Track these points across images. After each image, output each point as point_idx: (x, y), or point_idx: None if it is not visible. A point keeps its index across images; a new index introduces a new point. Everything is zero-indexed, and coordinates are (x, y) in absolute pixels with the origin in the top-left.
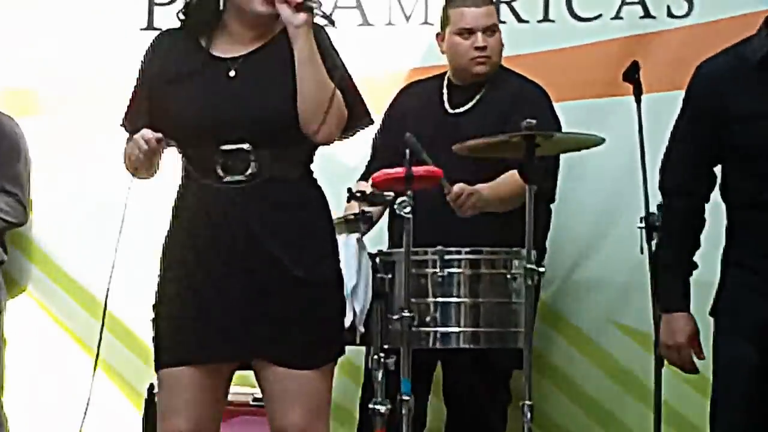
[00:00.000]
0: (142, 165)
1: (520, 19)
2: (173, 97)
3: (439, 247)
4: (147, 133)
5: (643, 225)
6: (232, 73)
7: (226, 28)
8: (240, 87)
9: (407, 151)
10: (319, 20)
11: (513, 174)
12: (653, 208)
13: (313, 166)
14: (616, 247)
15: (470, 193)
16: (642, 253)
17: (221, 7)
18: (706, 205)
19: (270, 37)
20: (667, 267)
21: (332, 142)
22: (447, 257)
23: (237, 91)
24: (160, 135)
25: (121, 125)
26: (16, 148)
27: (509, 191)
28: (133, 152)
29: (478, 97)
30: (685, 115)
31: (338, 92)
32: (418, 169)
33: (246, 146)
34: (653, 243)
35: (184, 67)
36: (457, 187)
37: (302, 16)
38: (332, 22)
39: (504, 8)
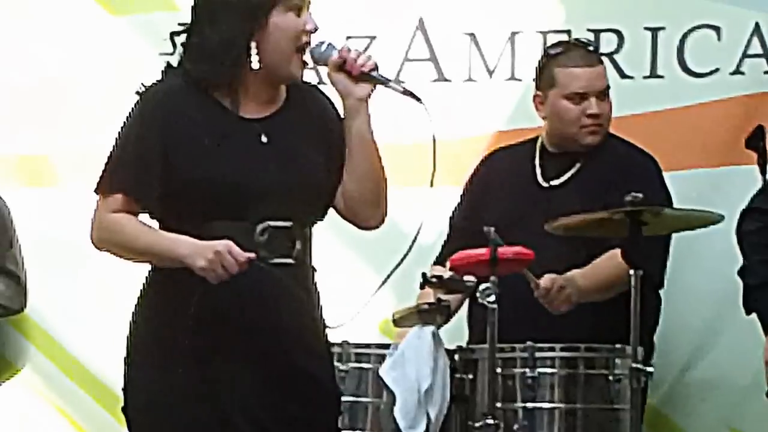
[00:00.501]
0: (215, 278)
1: (623, 75)
2: (201, 165)
3: (529, 343)
4: (238, 253)
5: None
6: (264, 139)
7: (242, 85)
8: (277, 155)
9: (491, 230)
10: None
11: (614, 255)
12: None
13: (383, 246)
14: (736, 341)
15: (562, 287)
16: None
17: (256, 66)
18: None
19: (285, 95)
20: None
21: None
22: (538, 355)
23: (274, 159)
24: (252, 255)
25: (98, 188)
26: (8, 225)
27: (609, 277)
28: (214, 267)
29: (576, 167)
30: None
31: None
32: (504, 251)
33: (289, 224)
34: None
35: (209, 129)
36: (546, 280)
37: (366, 89)
38: (415, 97)
39: (605, 61)
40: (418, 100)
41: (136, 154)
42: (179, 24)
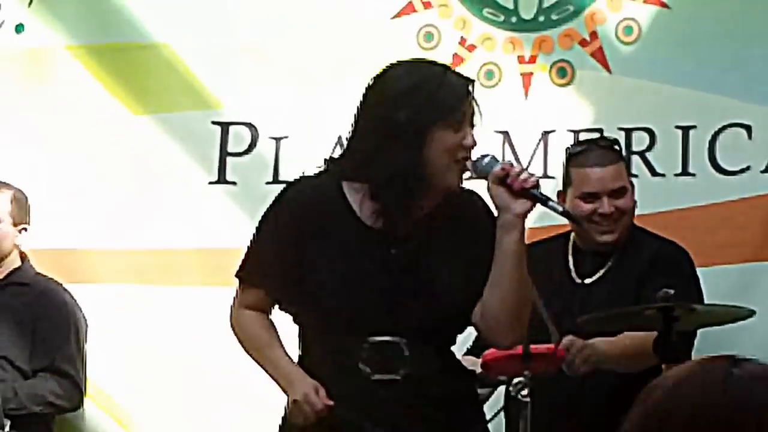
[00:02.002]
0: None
1: (654, 173)
2: (321, 270)
3: None
4: (315, 402)
5: None
6: (393, 251)
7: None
8: (405, 270)
9: None
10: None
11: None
12: None
13: None
14: None
15: (582, 348)
16: None
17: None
18: None
19: (434, 207)
20: None
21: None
22: None
23: (402, 274)
24: (330, 402)
25: (237, 276)
26: (66, 320)
27: (633, 347)
28: (296, 414)
29: (609, 264)
30: None
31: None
32: (538, 348)
33: (400, 340)
34: None
35: (334, 235)
36: (566, 341)
37: (525, 205)
38: (572, 217)
39: (636, 159)
40: (578, 222)
41: (258, 245)
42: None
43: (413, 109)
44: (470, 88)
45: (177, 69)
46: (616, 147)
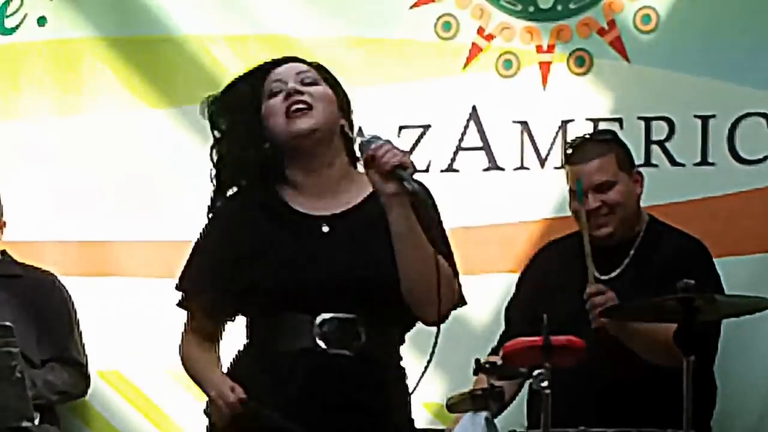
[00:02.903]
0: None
1: (674, 162)
2: (263, 263)
3: (582, 428)
4: (227, 395)
5: None
6: (325, 229)
7: (291, 181)
8: (340, 247)
9: (544, 317)
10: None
11: (669, 326)
12: None
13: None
14: None
15: (607, 294)
16: None
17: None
18: None
19: (361, 197)
20: None
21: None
22: None
23: (337, 250)
24: (243, 396)
25: (177, 288)
26: (68, 309)
27: (659, 336)
28: (214, 413)
29: (628, 258)
30: None
31: (449, 273)
32: (558, 339)
33: (351, 315)
34: None
35: (269, 226)
36: (594, 287)
37: (393, 186)
38: (417, 198)
39: (656, 149)
40: (417, 198)
41: (195, 253)
42: None
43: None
44: (282, 61)
45: (199, 61)
46: (607, 137)
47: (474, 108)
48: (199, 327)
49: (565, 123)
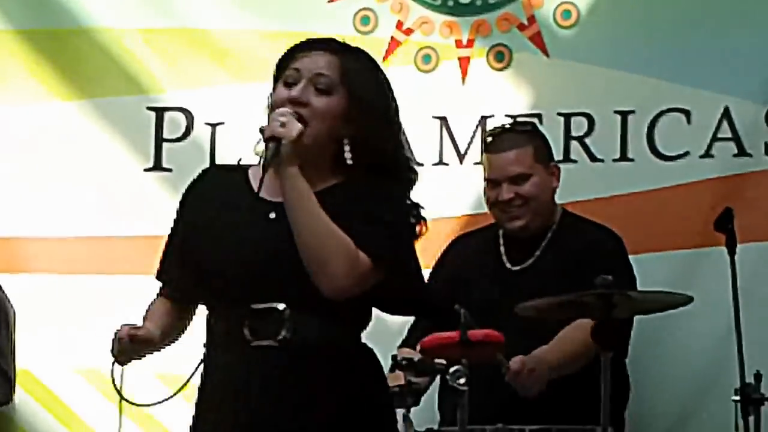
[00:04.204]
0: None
1: (593, 158)
2: (207, 243)
3: (500, 425)
4: (122, 330)
5: (738, 398)
6: (272, 215)
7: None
8: (280, 234)
9: (462, 312)
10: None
11: (578, 325)
12: (749, 378)
13: None
14: (708, 424)
15: (532, 369)
16: (737, 431)
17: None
18: None
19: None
20: None
21: (342, 298)
22: None
23: (277, 239)
24: (136, 333)
25: (156, 277)
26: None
27: (577, 348)
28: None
29: (540, 249)
30: None
31: (347, 245)
32: (475, 334)
33: (280, 306)
34: (750, 420)
35: (224, 209)
36: (516, 363)
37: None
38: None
39: (575, 145)
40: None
41: (167, 237)
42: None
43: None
44: (311, 47)
45: (111, 54)
46: (527, 128)
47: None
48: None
49: (484, 118)
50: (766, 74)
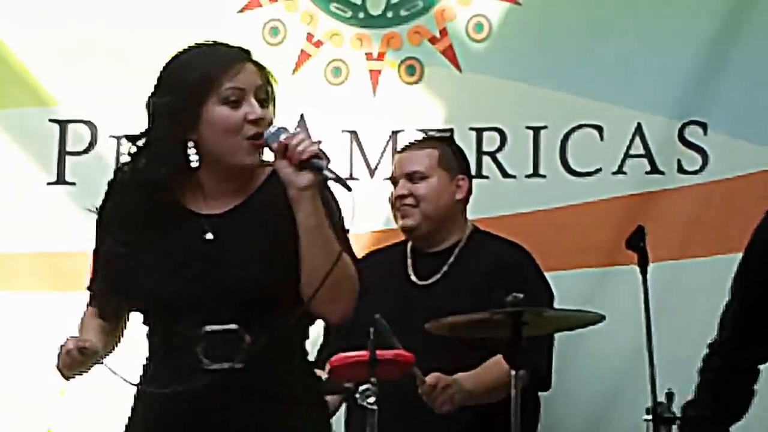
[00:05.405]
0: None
1: (505, 174)
2: (139, 260)
3: None
4: (68, 342)
5: (649, 417)
6: (209, 236)
7: (192, 182)
8: (220, 254)
9: (371, 330)
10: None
11: (500, 359)
12: (661, 397)
13: None
14: None
15: (447, 385)
16: None
17: (196, 164)
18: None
19: (256, 188)
20: None
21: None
22: None
23: (216, 259)
24: (84, 344)
25: (87, 288)
26: None
27: (496, 380)
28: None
29: (448, 264)
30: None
31: (350, 264)
32: (384, 353)
33: (234, 327)
34: None
35: (150, 223)
36: (432, 377)
37: (306, 177)
38: (346, 186)
39: (487, 160)
40: (348, 189)
41: (94, 250)
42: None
43: (175, 90)
44: (242, 59)
45: (10, 64)
46: (444, 136)
47: (302, 116)
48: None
49: (395, 133)
50: (678, 90)
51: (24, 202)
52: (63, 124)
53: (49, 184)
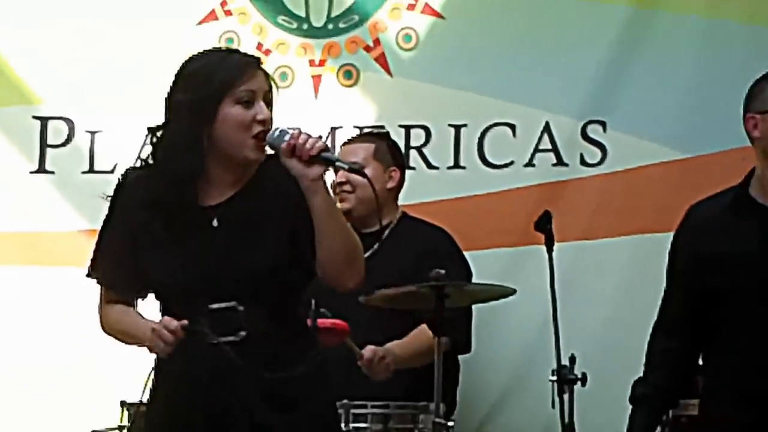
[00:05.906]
0: (160, 352)
1: (429, 165)
2: (157, 252)
3: (345, 401)
4: (170, 322)
5: (554, 378)
6: (215, 223)
7: (202, 174)
8: (226, 238)
9: (312, 302)
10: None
11: (425, 328)
12: (565, 361)
13: None
14: (528, 401)
15: (382, 357)
16: (553, 407)
17: (204, 154)
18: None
19: (248, 179)
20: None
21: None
22: (354, 412)
23: (222, 243)
24: (185, 322)
25: (88, 276)
26: None
27: (424, 347)
28: (156, 345)
29: (377, 245)
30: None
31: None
32: (323, 321)
33: (236, 304)
34: (565, 397)
35: (167, 217)
36: (368, 351)
37: (317, 170)
38: (361, 173)
39: (414, 154)
40: (365, 176)
41: (105, 240)
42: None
43: (196, 89)
44: (255, 66)
45: (0, 68)
46: (381, 132)
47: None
48: (116, 298)
49: (334, 129)
50: (582, 93)
51: (9, 188)
52: (44, 120)
53: (31, 172)
